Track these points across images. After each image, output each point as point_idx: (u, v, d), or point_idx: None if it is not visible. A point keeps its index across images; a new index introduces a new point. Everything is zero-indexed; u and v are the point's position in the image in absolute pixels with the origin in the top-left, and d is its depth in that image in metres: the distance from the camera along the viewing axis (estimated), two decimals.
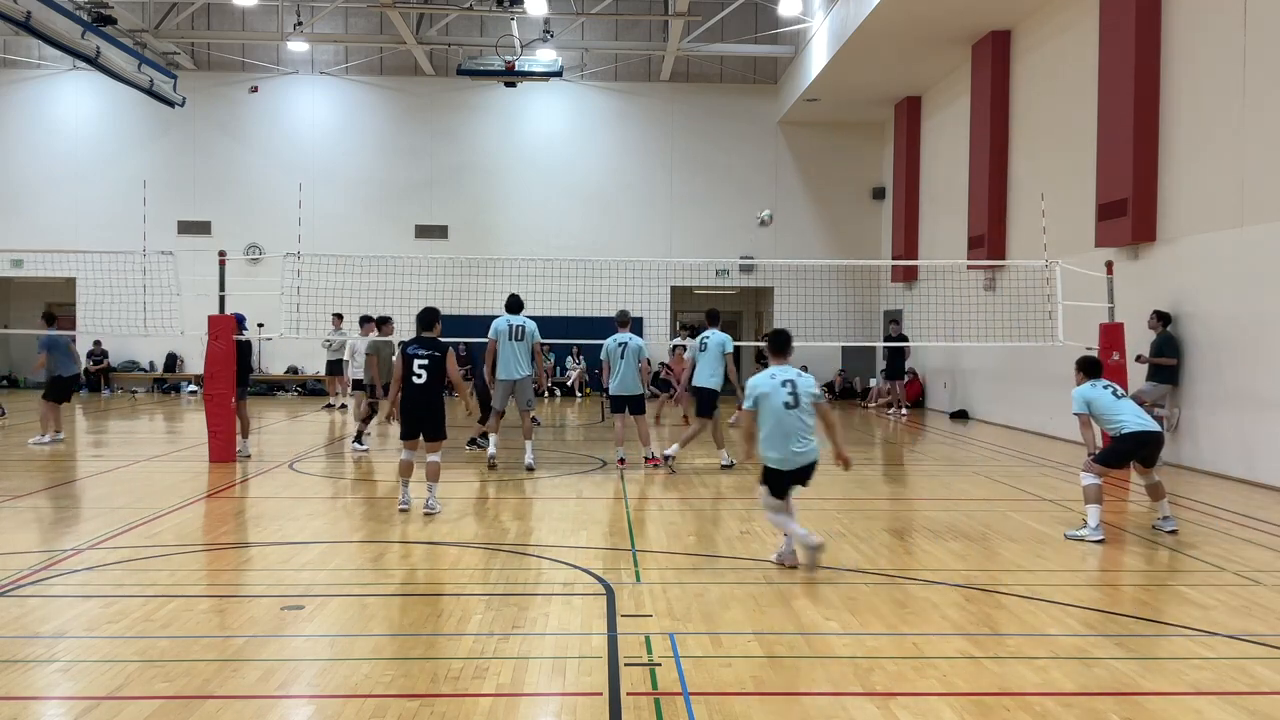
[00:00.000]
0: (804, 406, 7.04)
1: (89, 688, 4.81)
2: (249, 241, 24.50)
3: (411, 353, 8.98)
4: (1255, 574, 7.21)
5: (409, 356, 8.97)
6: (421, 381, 8.94)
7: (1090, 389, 8.61)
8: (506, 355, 11.99)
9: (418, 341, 9.11)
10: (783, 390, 7.01)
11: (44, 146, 25.90)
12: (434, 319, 9.34)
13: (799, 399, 7.02)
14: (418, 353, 8.97)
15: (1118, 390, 8.65)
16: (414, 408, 9.00)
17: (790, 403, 6.99)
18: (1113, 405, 8.49)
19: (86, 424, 18.52)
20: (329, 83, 26.34)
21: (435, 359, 8.99)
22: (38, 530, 8.54)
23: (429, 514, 8.86)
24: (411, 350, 9.01)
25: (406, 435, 9.16)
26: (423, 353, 8.98)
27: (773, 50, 25.27)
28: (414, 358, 8.96)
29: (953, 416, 20.32)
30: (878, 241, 26.30)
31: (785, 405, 6.98)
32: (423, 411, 8.98)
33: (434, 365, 8.97)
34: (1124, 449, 8.44)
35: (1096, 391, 8.58)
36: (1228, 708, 4.66)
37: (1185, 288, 12.87)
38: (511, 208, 26.04)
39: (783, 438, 7.00)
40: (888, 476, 12.48)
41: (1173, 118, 13.24)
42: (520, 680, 4.97)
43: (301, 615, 6.03)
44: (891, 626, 5.87)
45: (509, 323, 12.07)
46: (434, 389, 9.01)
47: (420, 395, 8.97)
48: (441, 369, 9.02)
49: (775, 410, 7.01)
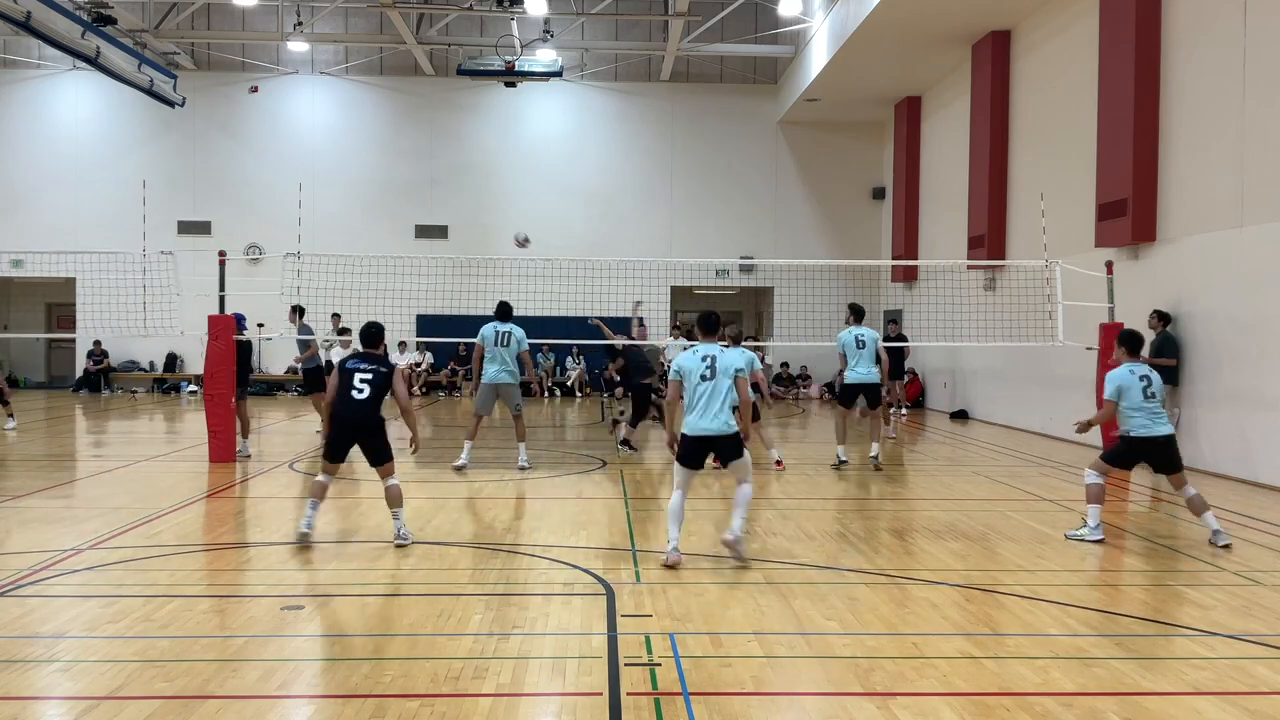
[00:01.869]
0: (721, 381, 7.44)
1: (89, 688, 4.81)
2: (249, 241, 24.49)
3: (352, 367, 7.99)
4: (1255, 574, 7.21)
5: (348, 371, 7.98)
6: (363, 397, 7.90)
7: (1128, 375, 8.25)
8: (493, 360, 12.07)
9: (360, 356, 8.14)
10: (701, 364, 7.44)
11: (44, 146, 25.90)
12: (379, 336, 8.43)
13: (717, 373, 7.45)
14: (359, 366, 7.99)
15: (1150, 387, 8.26)
16: (352, 425, 7.93)
17: (706, 374, 7.42)
18: (1143, 401, 8.20)
19: (86, 424, 18.52)
20: (329, 83, 26.34)
21: (380, 374, 8.03)
22: (38, 530, 8.54)
23: (401, 545, 7.83)
24: (352, 365, 8.02)
25: (334, 457, 8.02)
26: (365, 366, 8.00)
27: (773, 50, 25.27)
28: (354, 372, 7.96)
29: (953, 416, 20.33)
30: (878, 241, 26.30)
31: (702, 377, 7.43)
32: (359, 432, 7.93)
33: (378, 380, 7.97)
34: (1131, 450, 8.33)
35: (1132, 380, 8.21)
36: (1228, 708, 4.66)
37: (1185, 288, 12.87)
38: (511, 208, 26.02)
39: (694, 407, 7.43)
40: (888, 476, 12.47)
41: (1173, 118, 13.24)
42: (520, 680, 4.97)
43: (301, 615, 6.03)
44: (891, 626, 5.87)
45: (496, 329, 12.14)
46: (376, 406, 7.98)
47: (360, 412, 7.90)
48: (386, 387, 8.06)
49: (691, 381, 7.46)
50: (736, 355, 7.70)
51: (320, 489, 8.02)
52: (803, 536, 8.43)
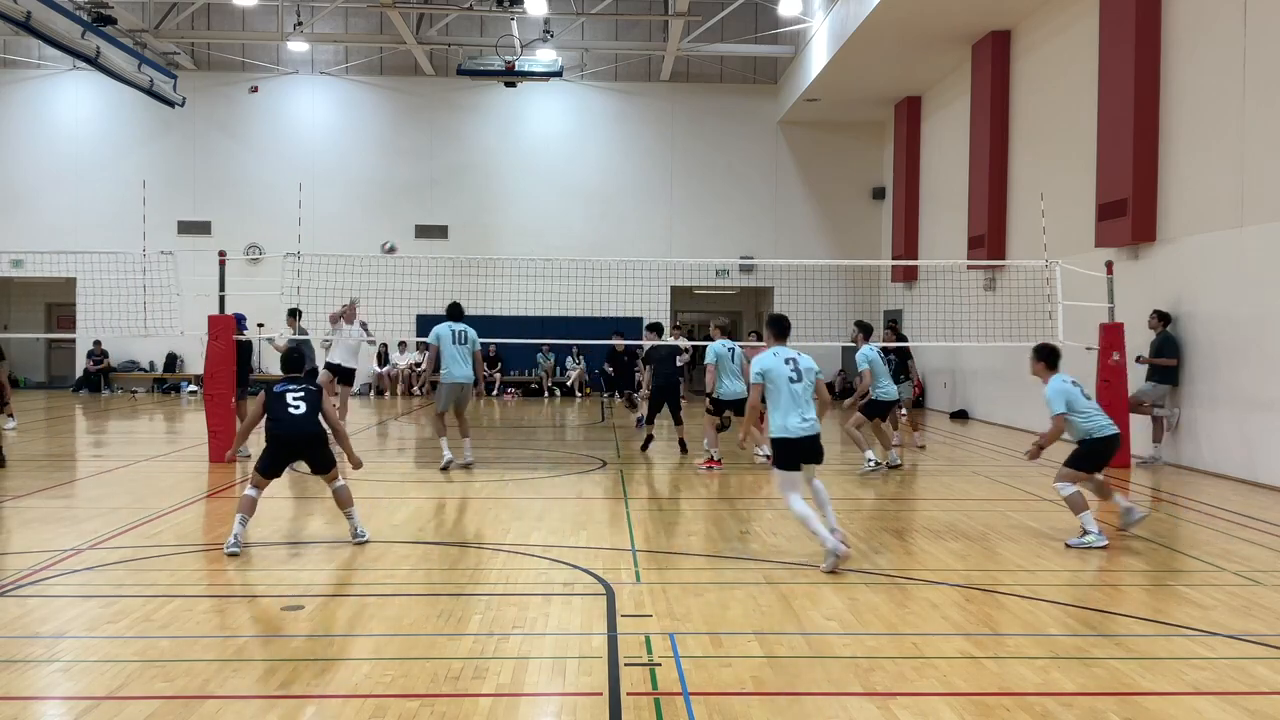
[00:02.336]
0: (807, 383, 7.41)
1: (89, 688, 4.81)
2: (249, 241, 24.49)
3: (280, 390, 7.97)
4: (1255, 574, 7.21)
5: (278, 394, 7.95)
6: (300, 412, 7.90)
7: (1064, 384, 8.24)
8: (451, 359, 12.07)
9: (286, 380, 8.11)
10: (786, 367, 7.37)
11: (44, 146, 25.90)
12: (300, 362, 8.53)
13: (802, 375, 7.40)
14: (288, 388, 7.99)
15: (1084, 389, 8.39)
16: (291, 441, 7.91)
17: (794, 378, 7.36)
18: (1088, 404, 8.27)
19: (86, 424, 18.52)
20: (329, 83, 26.34)
21: (311, 394, 8.05)
22: (38, 530, 8.53)
23: (361, 542, 7.94)
24: (280, 388, 7.99)
25: (269, 470, 7.90)
26: (294, 387, 8.01)
27: (773, 50, 25.27)
28: (285, 392, 7.96)
29: (953, 416, 20.32)
30: (878, 241, 26.30)
31: (790, 380, 7.35)
32: (302, 444, 7.93)
33: (310, 397, 8.01)
34: (1102, 450, 8.26)
35: (1070, 387, 8.22)
36: (1228, 708, 4.66)
37: (1185, 288, 12.87)
38: (511, 208, 26.04)
39: (789, 409, 7.30)
40: (888, 476, 12.47)
41: (1173, 118, 13.24)
42: (520, 680, 4.97)
43: (301, 615, 6.03)
44: (891, 626, 5.87)
45: (451, 329, 12.15)
46: (314, 418, 8.02)
47: (300, 425, 7.89)
48: (318, 405, 8.07)
49: (780, 384, 7.33)
50: (806, 358, 7.60)
51: (249, 504, 7.84)
52: (803, 536, 8.41)
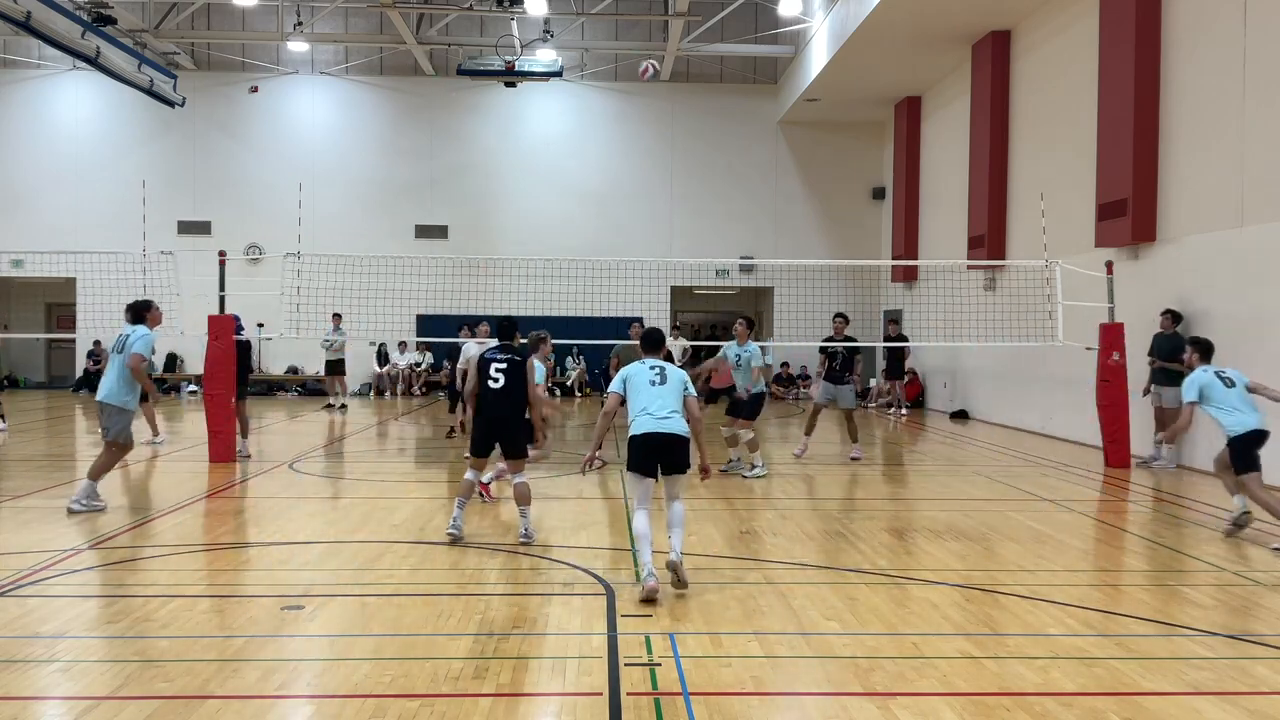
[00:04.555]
0: (673, 386, 6.91)
1: (89, 688, 4.81)
2: (249, 241, 24.48)
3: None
4: (1255, 574, 7.21)
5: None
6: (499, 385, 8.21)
7: (1205, 375, 8.29)
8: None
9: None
10: (650, 371, 6.96)
11: (44, 146, 25.89)
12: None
13: (667, 379, 6.92)
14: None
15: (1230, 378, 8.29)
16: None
17: (656, 381, 6.91)
18: (1225, 396, 8.19)
19: (86, 424, 18.51)
20: (329, 83, 26.34)
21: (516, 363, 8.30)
22: (38, 530, 8.53)
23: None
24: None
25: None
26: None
27: (773, 50, 25.27)
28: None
29: (953, 416, 20.32)
30: (878, 241, 26.30)
31: (650, 383, 6.90)
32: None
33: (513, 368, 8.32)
34: (1239, 448, 8.15)
35: (1210, 378, 8.25)
36: (1228, 708, 4.66)
37: (1185, 288, 12.86)
38: (511, 208, 26.03)
39: (644, 412, 6.82)
40: (888, 476, 12.48)
41: (1173, 118, 13.24)
42: (520, 680, 4.97)
43: (301, 615, 6.03)
44: (891, 626, 5.87)
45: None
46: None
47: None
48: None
49: (640, 385, 6.91)
50: (679, 371, 7.16)
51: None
52: (803, 536, 8.43)
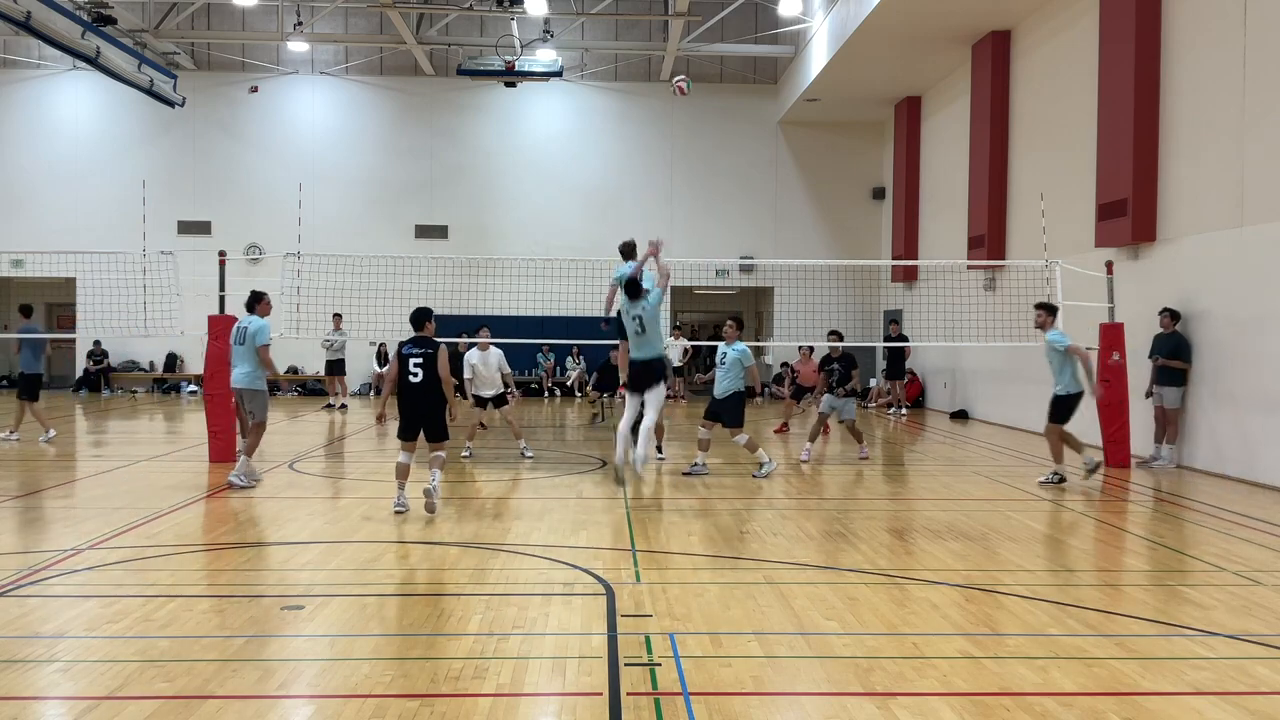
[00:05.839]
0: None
1: (89, 688, 4.80)
2: (249, 241, 24.49)
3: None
4: (1255, 574, 7.21)
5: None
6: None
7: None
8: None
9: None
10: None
11: (44, 146, 25.89)
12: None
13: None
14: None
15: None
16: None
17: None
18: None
19: (86, 424, 18.52)
20: (329, 83, 26.34)
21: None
22: (38, 530, 8.54)
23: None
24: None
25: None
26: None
27: (773, 50, 25.26)
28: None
29: (953, 416, 20.32)
30: (878, 241, 26.30)
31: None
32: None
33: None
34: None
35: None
36: (1228, 708, 4.66)
37: (1185, 288, 12.86)
38: (511, 208, 26.03)
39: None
40: (888, 476, 12.47)
41: (1173, 118, 13.24)
42: (520, 680, 4.97)
43: (301, 615, 6.03)
44: (891, 626, 5.87)
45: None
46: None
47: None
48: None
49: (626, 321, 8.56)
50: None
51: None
52: (803, 536, 8.43)
